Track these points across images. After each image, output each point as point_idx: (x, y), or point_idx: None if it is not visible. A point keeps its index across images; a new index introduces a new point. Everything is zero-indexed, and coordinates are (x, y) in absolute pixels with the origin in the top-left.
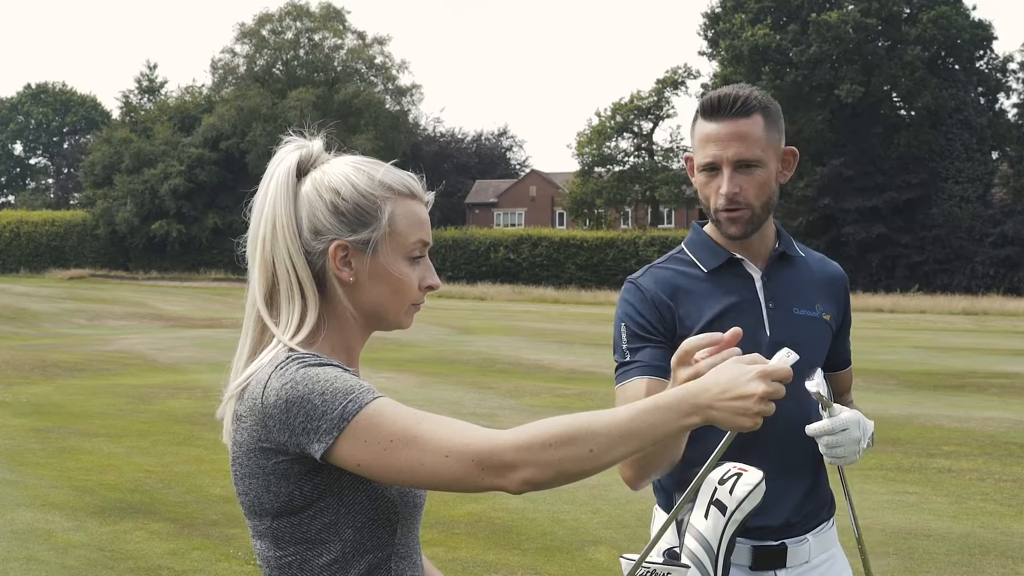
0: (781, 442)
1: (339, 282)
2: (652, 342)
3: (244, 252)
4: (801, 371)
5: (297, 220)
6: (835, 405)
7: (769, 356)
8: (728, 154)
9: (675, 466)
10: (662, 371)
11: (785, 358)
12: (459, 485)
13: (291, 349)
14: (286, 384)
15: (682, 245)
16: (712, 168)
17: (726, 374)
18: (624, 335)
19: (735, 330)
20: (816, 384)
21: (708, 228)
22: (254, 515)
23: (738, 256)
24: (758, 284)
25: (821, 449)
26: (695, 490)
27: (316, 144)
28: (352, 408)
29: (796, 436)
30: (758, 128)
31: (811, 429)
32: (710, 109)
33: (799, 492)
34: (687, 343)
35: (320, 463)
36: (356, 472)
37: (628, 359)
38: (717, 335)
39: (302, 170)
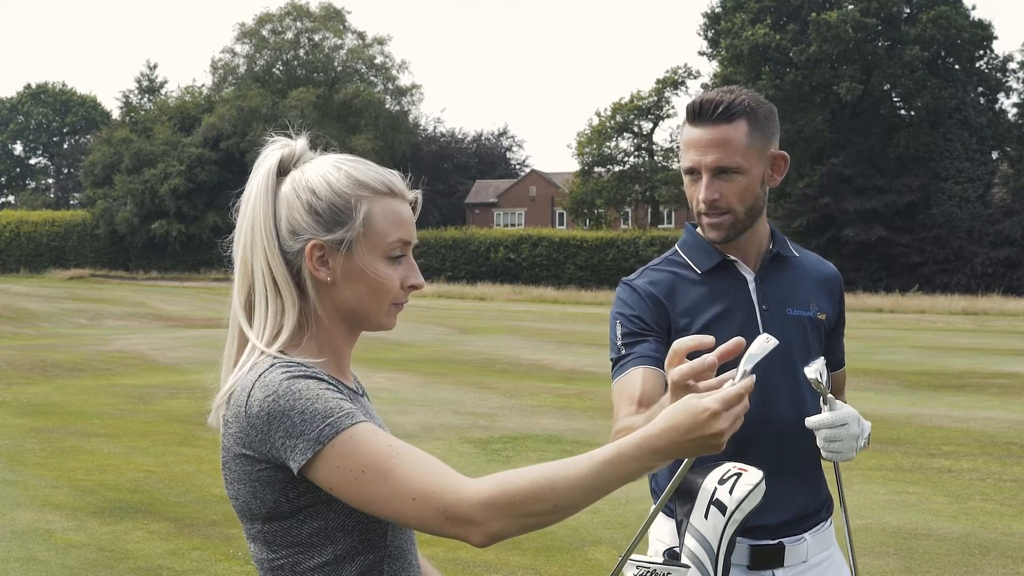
0: (778, 443)
1: (316, 282)
2: (647, 336)
3: (231, 254)
4: (797, 367)
5: (276, 220)
6: (836, 400)
7: (764, 357)
8: (707, 160)
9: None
10: (658, 362)
11: (764, 344)
12: (423, 528)
13: (275, 356)
14: (269, 396)
15: (676, 247)
16: (693, 172)
17: (683, 416)
18: (619, 332)
19: (738, 340)
20: (815, 371)
21: (701, 229)
22: (246, 519)
23: (731, 258)
24: (751, 286)
25: (819, 443)
26: (666, 501)
27: (300, 143)
28: (328, 432)
29: (794, 436)
30: (740, 134)
31: (811, 421)
32: (693, 114)
33: (797, 492)
34: (677, 344)
35: None
36: (330, 494)
37: (624, 353)
38: (707, 338)
39: (283, 169)
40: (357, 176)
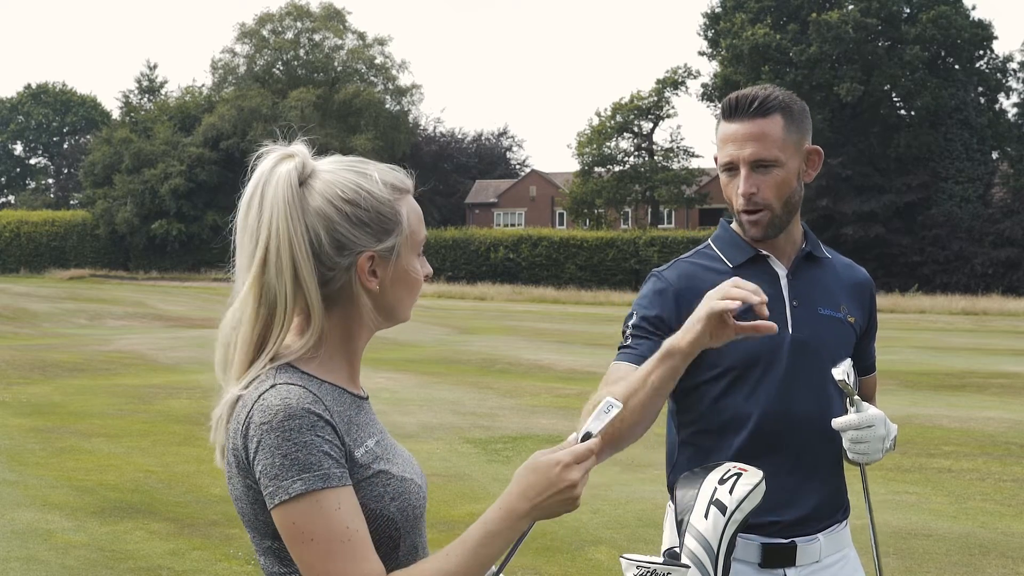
0: (800, 440)
1: (365, 291)
2: (653, 337)
3: (232, 265)
4: (824, 366)
5: (313, 237)
6: (862, 402)
7: (791, 353)
8: (744, 154)
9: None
10: None
11: (604, 414)
12: None
13: (277, 368)
14: (264, 423)
15: (709, 241)
16: (731, 168)
17: (535, 474)
18: (631, 323)
19: (771, 324)
20: (842, 372)
21: (736, 225)
22: (255, 533)
23: (764, 253)
24: (783, 282)
25: (845, 444)
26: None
27: (302, 149)
28: (297, 487)
29: (815, 435)
30: (777, 128)
31: (838, 423)
32: (729, 110)
33: (815, 491)
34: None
35: None
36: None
37: (628, 343)
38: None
39: (300, 181)
40: (389, 180)
